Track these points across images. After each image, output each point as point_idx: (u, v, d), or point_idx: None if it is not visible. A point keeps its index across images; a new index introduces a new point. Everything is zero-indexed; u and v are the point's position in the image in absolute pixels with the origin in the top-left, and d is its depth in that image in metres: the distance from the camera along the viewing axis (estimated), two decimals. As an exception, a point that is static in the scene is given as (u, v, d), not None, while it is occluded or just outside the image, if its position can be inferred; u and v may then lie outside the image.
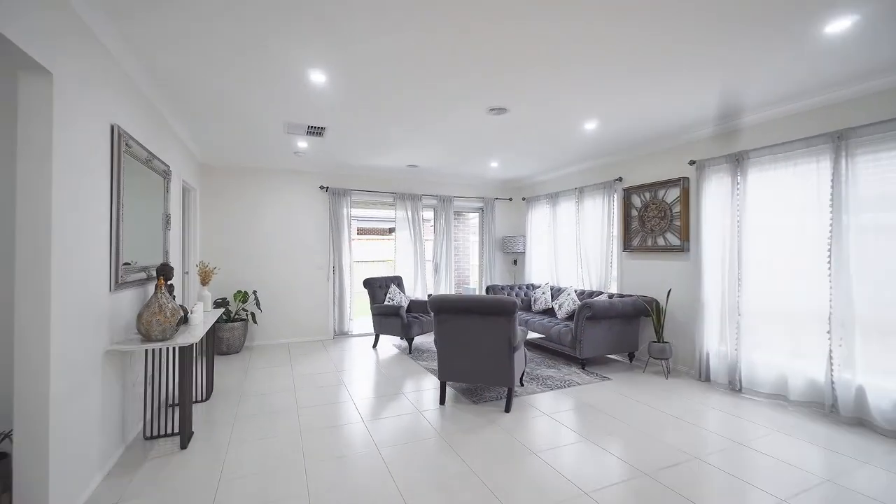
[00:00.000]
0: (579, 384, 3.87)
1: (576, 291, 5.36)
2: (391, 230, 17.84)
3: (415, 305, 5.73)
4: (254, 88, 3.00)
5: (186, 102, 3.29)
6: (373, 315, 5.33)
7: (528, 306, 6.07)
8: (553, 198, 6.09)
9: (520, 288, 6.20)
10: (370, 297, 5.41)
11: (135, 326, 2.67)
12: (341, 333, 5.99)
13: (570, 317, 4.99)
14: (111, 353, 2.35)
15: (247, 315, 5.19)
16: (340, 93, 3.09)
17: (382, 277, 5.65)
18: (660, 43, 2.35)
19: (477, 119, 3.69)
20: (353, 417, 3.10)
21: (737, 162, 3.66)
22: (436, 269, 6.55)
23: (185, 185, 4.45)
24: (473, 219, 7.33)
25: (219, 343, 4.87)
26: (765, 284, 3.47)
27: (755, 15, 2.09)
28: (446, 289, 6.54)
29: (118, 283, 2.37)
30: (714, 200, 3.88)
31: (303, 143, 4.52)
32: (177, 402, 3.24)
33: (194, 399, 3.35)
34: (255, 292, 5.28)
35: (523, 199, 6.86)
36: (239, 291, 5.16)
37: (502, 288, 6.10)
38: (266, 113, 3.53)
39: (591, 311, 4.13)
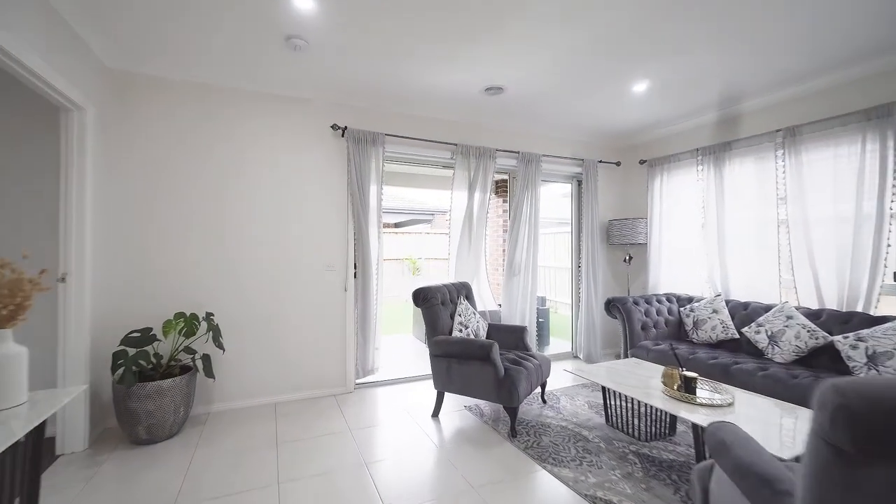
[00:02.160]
0: None
1: (798, 310, 2.96)
2: (395, 220, 14.99)
3: (497, 334, 3.30)
4: None
5: None
6: (434, 357, 2.89)
7: (675, 332, 3.67)
8: (712, 154, 3.69)
9: (658, 301, 3.79)
10: (428, 324, 2.97)
11: None
12: (366, 376, 3.54)
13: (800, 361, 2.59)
14: None
15: (193, 361, 2.72)
16: None
17: (444, 287, 3.20)
18: None
19: None
20: None
21: None
22: (511, 270, 4.12)
23: (41, 88, 1.97)
24: (559, 192, 4.92)
25: (132, 423, 2.40)
26: None
27: None
28: (522, 305, 4.10)
29: None
30: None
31: (306, 1, 2.07)
32: None
33: None
34: (210, 317, 2.80)
35: (641, 161, 4.45)
36: (178, 316, 2.67)
37: (636, 302, 3.68)
38: None
39: None
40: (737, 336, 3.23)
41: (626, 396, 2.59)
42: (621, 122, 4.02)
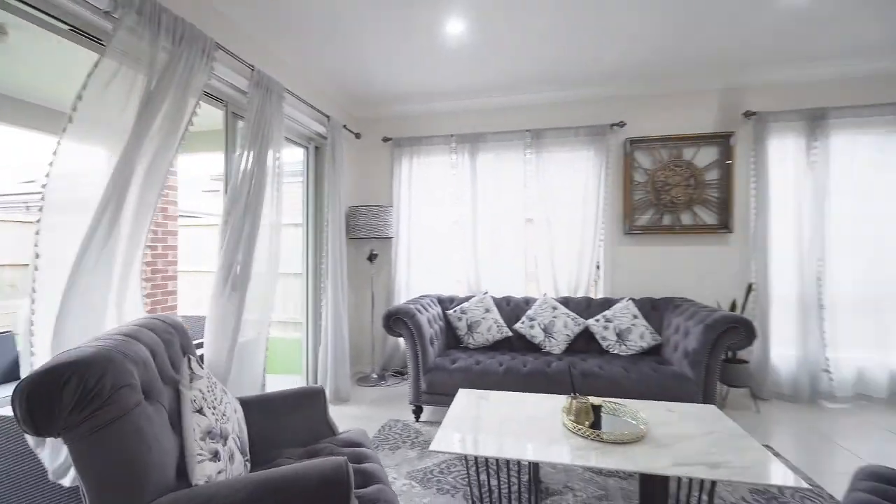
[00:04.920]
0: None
1: (558, 301, 3.17)
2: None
3: (267, 420, 1.56)
4: None
5: None
6: None
7: (446, 339, 3.19)
8: (468, 143, 3.49)
9: (431, 306, 3.15)
10: (104, 479, 0.86)
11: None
12: None
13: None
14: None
15: None
16: None
17: (136, 345, 1.08)
18: None
19: None
20: None
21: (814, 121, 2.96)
22: (230, 281, 2.22)
23: None
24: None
25: None
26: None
27: None
28: (255, 334, 2.35)
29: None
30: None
31: None
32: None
33: None
34: None
35: (385, 139, 3.68)
36: None
37: (419, 311, 2.85)
38: None
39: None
40: (510, 334, 3.11)
41: (492, 463, 1.73)
42: (378, 80, 3.09)
